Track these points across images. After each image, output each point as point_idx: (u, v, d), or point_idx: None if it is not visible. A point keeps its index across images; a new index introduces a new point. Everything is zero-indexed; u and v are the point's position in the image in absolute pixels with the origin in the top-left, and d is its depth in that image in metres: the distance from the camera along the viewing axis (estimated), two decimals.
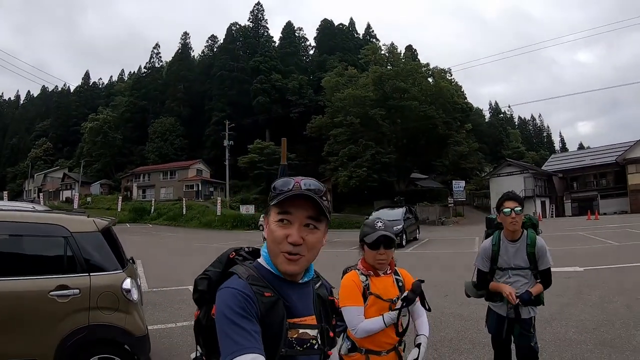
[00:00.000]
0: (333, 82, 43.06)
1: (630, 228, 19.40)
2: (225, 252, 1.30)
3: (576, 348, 4.71)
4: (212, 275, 1.24)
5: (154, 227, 36.17)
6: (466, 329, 5.61)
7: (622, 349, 4.57)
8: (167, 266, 12.19)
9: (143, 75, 74.74)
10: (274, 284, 1.19)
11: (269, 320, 1.13)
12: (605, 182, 46.38)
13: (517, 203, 2.98)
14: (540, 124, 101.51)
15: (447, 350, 4.87)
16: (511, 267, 3.08)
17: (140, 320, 3.50)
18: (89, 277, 3.29)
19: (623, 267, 9.60)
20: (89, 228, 3.50)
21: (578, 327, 5.46)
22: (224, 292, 1.12)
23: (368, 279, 2.23)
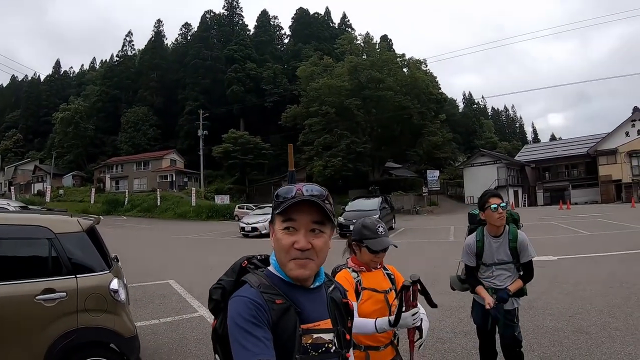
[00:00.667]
0: (308, 72, 42.81)
1: (601, 218, 19.83)
2: (238, 261, 1.30)
3: (554, 335, 4.82)
4: (226, 285, 1.25)
5: (128, 219, 35.47)
6: (446, 317, 5.70)
7: (598, 335, 4.72)
8: (144, 260, 11.83)
9: (115, 64, 72.71)
10: (285, 291, 1.20)
11: (281, 328, 1.14)
12: (576, 173, 47.58)
13: (501, 199, 3.07)
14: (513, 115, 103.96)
15: (430, 339, 4.91)
16: (495, 263, 3.16)
17: (129, 320, 3.45)
18: (76, 279, 3.19)
19: (595, 257, 9.78)
20: (74, 228, 3.38)
21: (554, 314, 5.59)
22: (235, 301, 1.14)
23: (359, 275, 2.26)
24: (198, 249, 15.57)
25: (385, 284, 2.31)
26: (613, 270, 8.11)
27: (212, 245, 16.70)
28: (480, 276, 3.26)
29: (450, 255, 11.13)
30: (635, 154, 41.45)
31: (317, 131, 39.86)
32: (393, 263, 2.49)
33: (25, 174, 66.59)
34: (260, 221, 19.21)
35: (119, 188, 54.88)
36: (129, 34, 72.94)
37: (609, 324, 5.05)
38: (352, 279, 2.24)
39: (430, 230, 19.31)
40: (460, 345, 4.66)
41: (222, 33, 64.00)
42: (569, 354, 4.26)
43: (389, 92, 38.44)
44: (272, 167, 49.27)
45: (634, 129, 42.45)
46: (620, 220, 17.73)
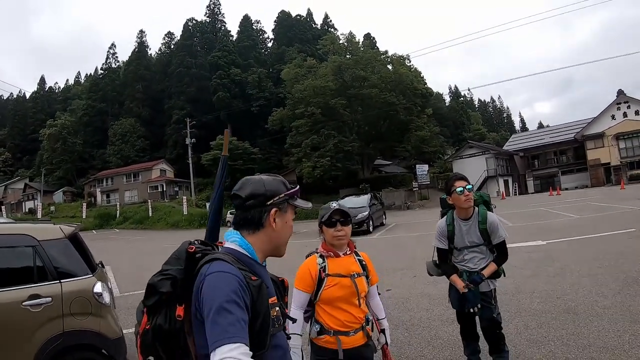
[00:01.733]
0: (292, 74, 42.69)
1: (591, 201, 19.91)
2: (181, 247, 1.29)
3: (541, 317, 4.82)
4: (176, 274, 1.21)
5: (120, 232, 35.14)
6: (434, 306, 5.74)
7: (586, 314, 4.72)
8: (137, 269, 11.79)
9: (100, 77, 72.27)
10: (251, 268, 1.24)
11: (259, 303, 1.17)
12: (565, 159, 48.00)
13: (467, 182, 3.11)
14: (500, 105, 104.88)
15: (418, 328, 4.98)
16: (467, 246, 3.19)
17: (114, 322, 3.52)
18: (60, 284, 3.28)
19: (584, 239, 9.80)
20: (56, 235, 3.48)
21: (542, 297, 5.57)
22: (217, 277, 1.12)
23: (325, 260, 2.29)
24: None
25: (354, 268, 2.31)
26: (602, 250, 8.14)
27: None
28: (453, 260, 3.29)
29: None
30: (622, 137, 41.93)
31: (304, 133, 39.73)
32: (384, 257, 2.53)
33: (15, 193, 66.08)
34: None
35: (110, 201, 54.77)
36: (112, 47, 72.52)
37: (597, 303, 5.05)
38: (315, 265, 2.29)
39: (420, 224, 19.22)
40: (447, 332, 4.70)
41: (205, 40, 63.94)
42: (556, 334, 4.25)
43: (374, 90, 38.36)
44: (261, 171, 48.74)
45: (620, 112, 42.94)
46: (610, 202, 17.84)
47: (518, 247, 9.11)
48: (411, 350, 4.33)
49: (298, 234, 20.98)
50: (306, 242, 15.71)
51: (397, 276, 7.77)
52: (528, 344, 4.07)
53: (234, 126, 51.74)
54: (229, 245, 1.30)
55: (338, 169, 38.17)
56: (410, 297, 6.22)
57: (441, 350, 4.25)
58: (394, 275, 7.85)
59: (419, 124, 41.37)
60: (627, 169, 40.69)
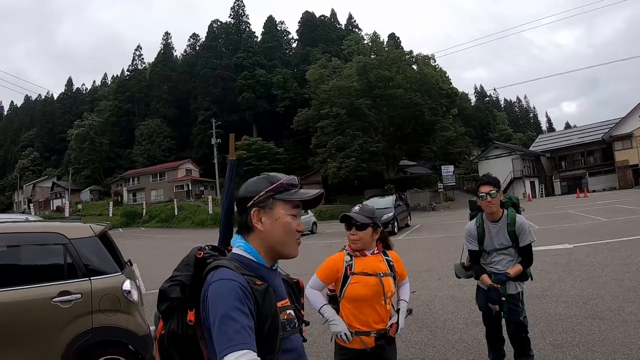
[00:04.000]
0: (317, 74, 42.68)
1: (618, 204, 19.49)
2: (191, 253, 1.30)
3: (566, 322, 4.77)
4: (185, 280, 1.23)
5: (147, 230, 35.83)
6: (459, 309, 5.70)
7: (612, 320, 4.65)
8: (162, 267, 11.96)
9: (126, 78, 73.78)
10: (258, 272, 1.23)
11: (266, 308, 1.16)
12: (592, 160, 46.94)
13: (492, 187, 3.14)
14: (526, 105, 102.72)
15: (442, 330, 4.96)
16: (496, 248, 3.22)
17: (142, 319, 3.57)
18: (90, 282, 3.37)
19: (611, 242, 9.66)
20: (86, 234, 3.57)
21: (568, 302, 5.52)
22: (220, 285, 1.13)
23: (352, 259, 2.32)
24: None
25: (381, 267, 2.34)
26: (629, 254, 8.03)
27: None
28: (482, 262, 3.33)
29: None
30: None
31: (329, 133, 39.75)
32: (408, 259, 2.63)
33: (43, 191, 68.12)
34: None
35: (136, 200, 55.86)
36: (138, 48, 74.01)
37: (623, 309, 4.98)
38: (341, 260, 2.35)
39: (445, 226, 19.19)
40: (471, 335, 4.69)
41: (230, 41, 64.41)
42: (581, 339, 4.20)
43: (399, 90, 38.11)
44: (286, 171, 48.67)
45: None
46: (637, 205, 17.43)
47: (545, 250, 9.00)
48: (435, 352, 4.32)
49: (323, 234, 21.15)
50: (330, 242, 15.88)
51: (421, 278, 7.74)
52: (553, 349, 4.04)
53: (259, 126, 52.32)
54: (235, 250, 1.30)
55: (363, 170, 38.12)
56: (434, 300, 6.19)
57: (465, 353, 4.22)
58: (418, 277, 7.80)
59: (444, 124, 41.03)
60: None
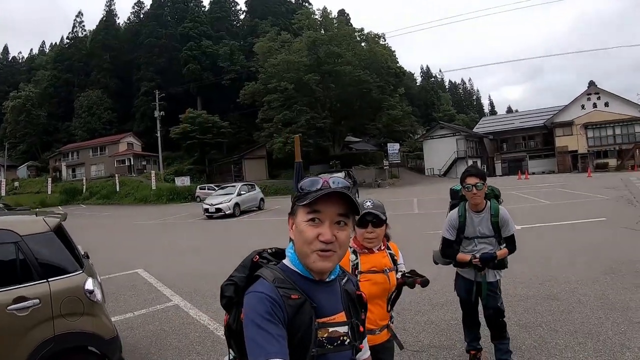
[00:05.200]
0: (266, 48, 41.86)
1: (560, 187, 20.16)
2: (249, 256, 1.29)
3: (527, 302, 4.99)
4: (238, 281, 1.24)
5: (88, 208, 34.25)
6: (423, 290, 5.73)
7: (568, 301, 4.89)
8: (110, 250, 11.29)
9: (66, 47, 68.73)
10: (301, 285, 1.20)
11: (298, 323, 1.14)
12: (533, 144, 49.19)
13: (479, 179, 3.15)
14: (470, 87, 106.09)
15: (409, 312, 4.94)
16: (477, 236, 3.27)
17: (107, 321, 3.28)
18: (48, 284, 2.95)
19: (557, 225, 9.98)
20: (41, 228, 3.11)
21: (525, 282, 5.71)
22: (251, 297, 1.14)
23: (358, 257, 2.23)
24: (163, 234, 15.10)
25: (386, 262, 2.28)
26: (575, 238, 8.32)
27: (176, 230, 16.23)
28: (462, 250, 3.35)
29: (417, 227, 11.39)
30: (590, 126, 43.09)
31: (276, 108, 39.24)
32: None
33: None
34: (223, 201, 18.82)
35: (76, 176, 53.12)
36: (79, 15, 69.12)
37: (577, 290, 5.24)
38: (347, 262, 2.20)
39: (393, 203, 19.14)
40: (438, 317, 4.75)
41: (176, 10, 61.40)
42: (543, 319, 4.40)
43: (347, 67, 38.13)
44: (231, 145, 48.39)
45: (590, 102, 44.01)
46: (579, 190, 18.09)
47: None
48: (406, 335, 4.32)
49: (271, 211, 20.74)
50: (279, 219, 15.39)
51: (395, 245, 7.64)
52: (519, 329, 4.19)
53: (204, 99, 50.76)
54: (285, 260, 1.28)
55: (309, 146, 38.00)
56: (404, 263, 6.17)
57: (436, 335, 4.30)
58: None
59: (391, 102, 41.48)
60: (593, 157, 41.93)
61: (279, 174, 40.60)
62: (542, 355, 3.66)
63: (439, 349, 3.99)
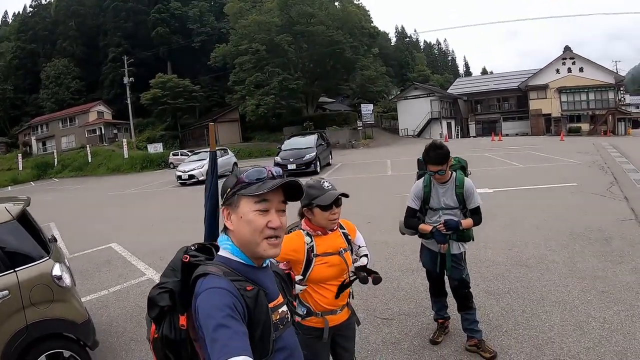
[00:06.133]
0: (236, 8, 40.79)
1: (533, 151, 20.11)
2: (176, 258, 1.26)
3: (495, 268, 5.00)
4: (173, 287, 1.21)
5: (60, 181, 33.34)
6: (393, 255, 5.73)
7: (537, 268, 4.90)
8: (84, 224, 10.97)
9: (29, 15, 65.79)
10: (248, 275, 1.21)
11: (258, 313, 1.15)
12: (507, 106, 49.53)
13: (440, 166, 3.04)
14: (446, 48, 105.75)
15: None
16: (442, 207, 3.23)
17: (79, 305, 3.29)
18: (16, 274, 2.93)
19: (529, 189, 9.86)
20: (3, 218, 3.06)
21: (495, 248, 5.72)
22: (209, 294, 1.11)
23: (312, 240, 2.18)
24: (136, 204, 14.77)
25: (340, 243, 2.25)
26: (547, 203, 8.24)
27: (150, 199, 15.84)
28: (427, 220, 3.33)
29: (390, 190, 11.29)
30: (564, 90, 43.48)
31: (248, 70, 38.49)
32: None
33: None
34: (196, 168, 18.60)
35: (46, 149, 51.63)
36: None
37: (546, 257, 5.22)
38: (303, 245, 2.16)
39: (367, 165, 19.28)
40: (409, 283, 4.75)
41: None
42: (511, 286, 4.42)
43: (320, 27, 37.44)
44: (203, 109, 47.60)
45: (565, 67, 44.19)
46: (551, 153, 18.02)
47: None
48: (376, 302, 4.32)
49: None
50: None
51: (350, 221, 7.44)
52: (487, 296, 4.23)
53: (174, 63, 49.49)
54: (222, 252, 1.26)
55: (282, 107, 37.64)
56: (367, 246, 6.06)
57: (406, 302, 4.31)
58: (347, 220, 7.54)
59: (365, 63, 41.09)
60: (567, 121, 42.49)
61: (252, 137, 40.26)
62: (509, 323, 3.68)
63: (408, 316, 4.01)
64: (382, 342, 3.62)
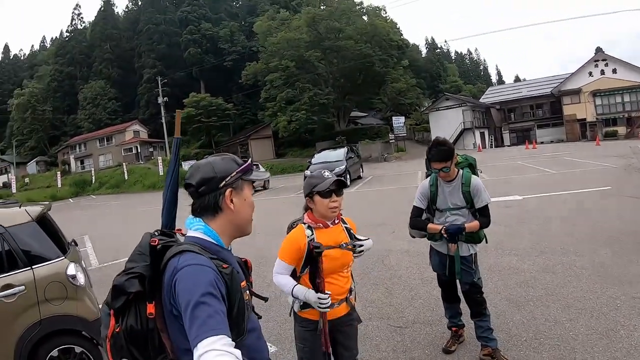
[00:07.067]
0: (265, 27, 41.45)
1: (567, 156, 19.68)
2: (143, 241, 1.26)
3: (520, 275, 4.76)
4: (143, 271, 1.17)
5: (97, 198, 34.30)
6: (414, 264, 5.61)
7: (564, 274, 4.65)
8: (116, 237, 11.34)
9: (66, 40, 69.05)
10: (219, 255, 1.22)
11: (234, 290, 1.16)
12: (541, 113, 48.15)
13: (444, 162, 2.94)
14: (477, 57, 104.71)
15: (398, 287, 4.84)
16: (449, 208, 3.13)
17: (91, 303, 3.39)
18: (32, 271, 3.13)
19: (560, 195, 9.66)
20: (23, 219, 3.29)
21: (521, 254, 5.49)
22: (189, 270, 1.10)
23: (314, 232, 2.18)
24: None
25: (342, 237, 2.24)
26: (579, 208, 8.03)
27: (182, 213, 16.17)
28: (435, 221, 3.22)
29: None
30: (598, 94, 41.91)
31: (278, 86, 39.00)
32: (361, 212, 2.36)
33: None
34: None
35: (84, 167, 53.56)
36: (77, 7, 70.53)
37: (574, 263, 4.97)
38: (304, 237, 2.15)
39: (397, 177, 19.13)
40: (427, 292, 4.62)
41: None
42: (535, 294, 4.19)
43: (349, 42, 37.66)
44: (237, 127, 48.47)
45: (597, 69, 42.68)
46: (585, 158, 17.62)
47: (495, 202, 8.93)
48: (392, 310, 4.24)
49: (275, 189, 20.75)
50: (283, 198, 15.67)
51: (375, 232, 7.43)
52: (508, 304, 4.02)
53: (206, 82, 50.57)
54: (194, 233, 1.26)
55: (314, 122, 37.89)
56: (389, 255, 6.02)
57: (422, 311, 4.18)
58: (372, 231, 7.47)
59: (395, 75, 41.00)
60: (602, 125, 40.96)
61: (285, 153, 40.54)
62: (529, 332, 3.47)
63: (422, 324, 3.88)
64: (392, 350, 3.51)
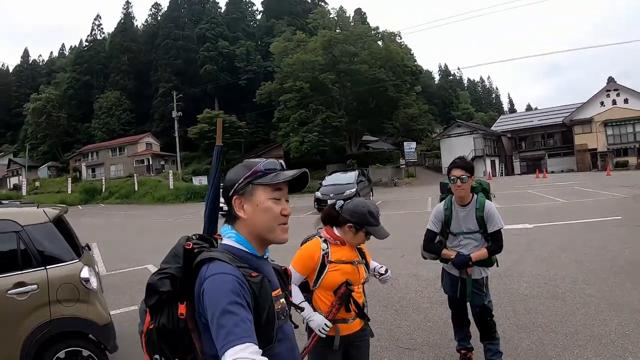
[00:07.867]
0: (281, 47, 42.01)
1: (577, 186, 19.71)
2: (178, 244, 1.27)
3: (529, 302, 4.82)
4: (175, 272, 1.20)
5: (106, 207, 34.62)
6: (423, 288, 5.71)
7: (573, 302, 4.71)
8: (123, 246, 11.55)
9: (85, 49, 70.03)
10: (252, 263, 1.22)
11: (262, 300, 1.16)
12: (552, 142, 48.16)
13: (464, 171, 3.04)
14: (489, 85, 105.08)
15: (407, 310, 4.92)
16: (463, 232, 3.18)
17: (102, 308, 3.43)
18: (46, 271, 3.16)
19: (570, 224, 9.70)
20: (40, 219, 3.33)
21: (530, 281, 5.56)
22: (216, 279, 1.11)
23: (329, 247, 2.25)
24: (176, 231, 15.25)
25: (355, 255, 2.30)
26: (588, 237, 8.08)
27: (190, 227, 16.27)
28: (448, 245, 3.28)
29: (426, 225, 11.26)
30: (610, 124, 41.97)
31: (292, 107, 39.38)
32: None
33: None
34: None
35: (95, 176, 53.87)
36: (98, 18, 70.57)
37: (583, 290, 5.03)
38: (318, 250, 2.22)
39: (407, 202, 19.17)
40: (436, 315, 4.68)
41: (192, 12, 62.31)
42: (544, 320, 4.24)
43: (363, 66, 38.03)
44: (248, 145, 48.87)
45: (609, 99, 42.84)
46: (596, 188, 17.66)
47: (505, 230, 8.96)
48: (401, 332, 4.28)
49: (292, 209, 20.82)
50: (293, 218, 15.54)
51: (385, 256, 7.50)
52: (516, 330, 4.06)
53: (221, 99, 51.15)
54: (226, 241, 1.28)
55: (325, 144, 38.10)
56: (399, 278, 6.13)
57: (431, 333, 4.23)
58: (381, 254, 7.47)
59: (407, 101, 41.26)
60: (613, 155, 40.90)
61: None
62: (537, 357, 3.50)
63: (431, 347, 3.92)
64: None
